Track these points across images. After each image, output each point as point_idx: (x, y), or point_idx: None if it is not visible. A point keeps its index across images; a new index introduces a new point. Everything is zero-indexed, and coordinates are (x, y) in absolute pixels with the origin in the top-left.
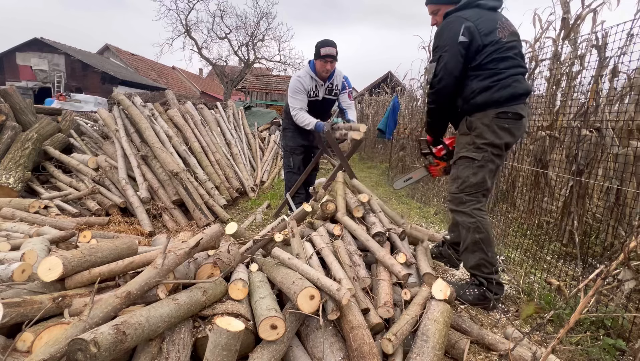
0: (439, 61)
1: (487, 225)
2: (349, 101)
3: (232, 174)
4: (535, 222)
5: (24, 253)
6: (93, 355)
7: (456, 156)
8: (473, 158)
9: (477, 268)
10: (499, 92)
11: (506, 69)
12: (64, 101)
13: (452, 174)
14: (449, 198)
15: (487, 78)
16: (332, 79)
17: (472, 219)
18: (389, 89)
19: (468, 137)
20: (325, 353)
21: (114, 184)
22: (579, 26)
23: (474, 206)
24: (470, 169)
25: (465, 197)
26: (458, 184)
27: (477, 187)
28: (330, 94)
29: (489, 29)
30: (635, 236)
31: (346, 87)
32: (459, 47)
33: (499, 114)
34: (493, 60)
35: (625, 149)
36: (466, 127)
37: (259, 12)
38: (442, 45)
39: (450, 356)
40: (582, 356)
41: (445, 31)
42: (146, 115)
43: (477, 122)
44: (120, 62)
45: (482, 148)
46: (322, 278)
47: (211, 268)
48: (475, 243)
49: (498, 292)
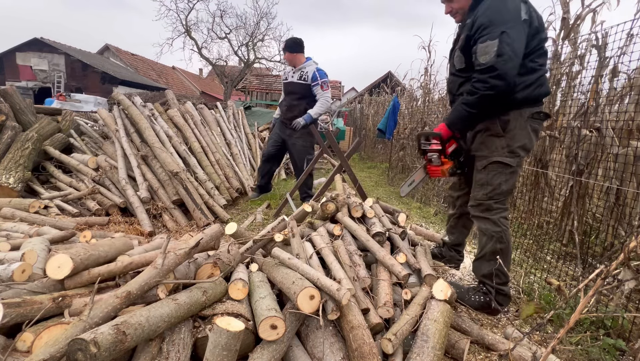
0: (503, 38)
1: (509, 236)
2: (320, 91)
3: (232, 174)
4: (535, 222)
5: (24, 253)
6: (93, 355)
7: (485, 159)
8: (508, 164)
9: (489, 277)
10: (538, 90)
11: (543, 65)
12: (64, 101)
13: (479, 179)
14: (473, 204)
15: (530, 72)
16: (302, 68)
17: (498, 228)
18: (389, 89)
19: (502, 140)
20: (325, 353)
21: (114, 184)
22: (579, 26)
23: (501, 215)
24: (503, 175)
25: (494, 204)
26: (487, 190)
27: (507, 194)
28: (300, 79)
29: (536, 15)
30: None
31: (317, 78)
32: (524, 24)
33: (534, 115)
34: (537, 52)
35: (625, 149)
36: (500, 128)
37: (259, 12)
38: (502, 20)
39: (450, 356)
40: (582, 356)
41: (502, 5)
42: (146, 115)
43: (514, 122)
44: (120, 62)
45: (516, 153)
46: (322, 278)
47: (211, 268)
48: (495, 252)
49: (503, 303)
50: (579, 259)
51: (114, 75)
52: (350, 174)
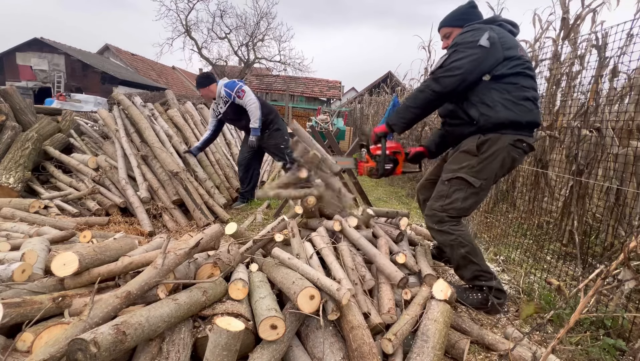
0: (452, 55)
1: (468, 236)
2: (241, 100)
3: (232, 174)
4: (535, 222)
5: (24, 253)
6: (93, 355)
7: (451, 172)
8: (471, 184)
9: (475, 279)
10: (526, 115)
11: (528, 88)
12: (64, 101)
13: (440, 190)
14: (428, 213)
15: (509, 92)
16: (218, 95)
17: (452, 236)
18: (389, 89)
19: (473, 160)
20: (325, 353)
21: (114, 184)
22: (578, 26)
23: (451, 224)
24: (462, 192)
25: (446, 217)
26: (443, 202)
27: (462, 212)
28: (225, 105)
29: (511, 44)
30: (635, 236)
31: (229, 92)
32: (479, 49)
33: (516, 142)
34: (518, 74)
35: (625, 149)
36: (475, 147)
37: (259, 12)
38: (461, 43)
39: (450, 356)
40: (582, 356)
41: (467, 34)
42: (146, 115)
43: (491, 145)
44: (120, 62)
45: (482, 175)
46: (322, 278)
47: (211, 268)
48: (463, 257)
49: (500, 297)
50: (579, 259)
51: (114, 75)
52: (350, 174)
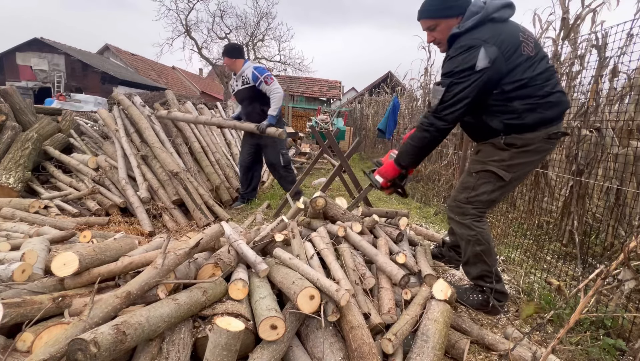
0: (450, 87)
1: (487, 236)
2: (267, 87)
3: (232, 174)
4: (535, 222)
5: (24, 253)
6: (93, 355)
7: (480, 165)
8: (501, 177)
9: (480, 279)
10: (551, 111)
11: (547, 80)
12: (64, 101)
13: (466, 182)
14: (452, 204)
15: (531, 96)
16: (242, 73)
17: (472, 232)
18: (389, 89)
19: (504, 153)
20: (325, 353)
21: (114, 184)
22: (578, 26)
23: (474, 219)
24: (490, 185)
25: (471, 209)
26: (469, 194)
27: (487, 204)
28: (244, 85)
29: (514, 47)
30: (635, 236)
31: (258, 76)
32: (479, 74)
33: (550, 135)
34: (532, 78)
35: (625, 149)
36: (503, 143)
37: (259, 12)
38: (455, 72)
39: (450, 356)
40: (582, 356)
41: (460, 55)
42: (146, 115)
43: (525, 140)
44: (120, 62)
45: (514, 169)
46: (322, 279)
47: (213, 268)
48: (477, 255)
49: (502, 300)
50: (579, 259)
51: (114, 75)
52: (350, 174)
